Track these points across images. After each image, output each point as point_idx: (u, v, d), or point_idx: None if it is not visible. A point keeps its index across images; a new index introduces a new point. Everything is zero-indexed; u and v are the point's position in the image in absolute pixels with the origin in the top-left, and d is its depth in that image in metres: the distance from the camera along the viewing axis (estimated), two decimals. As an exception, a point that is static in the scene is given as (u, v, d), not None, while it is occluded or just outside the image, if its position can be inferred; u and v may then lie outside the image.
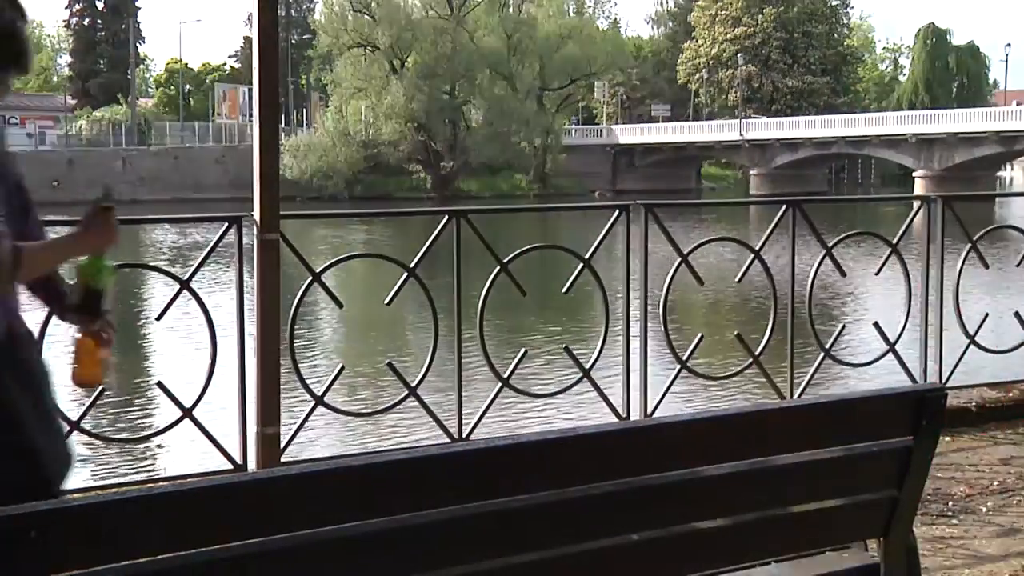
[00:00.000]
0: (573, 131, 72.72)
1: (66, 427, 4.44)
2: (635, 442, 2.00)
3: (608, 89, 76.79)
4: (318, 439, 8.02)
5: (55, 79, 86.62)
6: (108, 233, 2.69)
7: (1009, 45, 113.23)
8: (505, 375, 5.23)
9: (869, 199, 52.67)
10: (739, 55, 76.14)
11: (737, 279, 5.97)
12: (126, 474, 8.22)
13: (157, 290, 16.75)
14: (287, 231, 4.54)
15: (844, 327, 6.34)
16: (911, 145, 59.52)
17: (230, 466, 4.61)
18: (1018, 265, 6.62)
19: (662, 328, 5.57)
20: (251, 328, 4.55)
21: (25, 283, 2.61)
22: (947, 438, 5.33)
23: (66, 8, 73.36)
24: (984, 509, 4.46)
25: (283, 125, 53.24)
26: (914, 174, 59.19)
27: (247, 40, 77.38)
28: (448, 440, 5.04)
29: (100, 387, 3.22)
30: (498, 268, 5.15)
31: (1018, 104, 63.40)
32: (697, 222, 25.09)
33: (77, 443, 6.23)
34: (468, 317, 5.14)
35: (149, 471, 8.31)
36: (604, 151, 69.55)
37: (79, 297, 2.77)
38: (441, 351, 5.06)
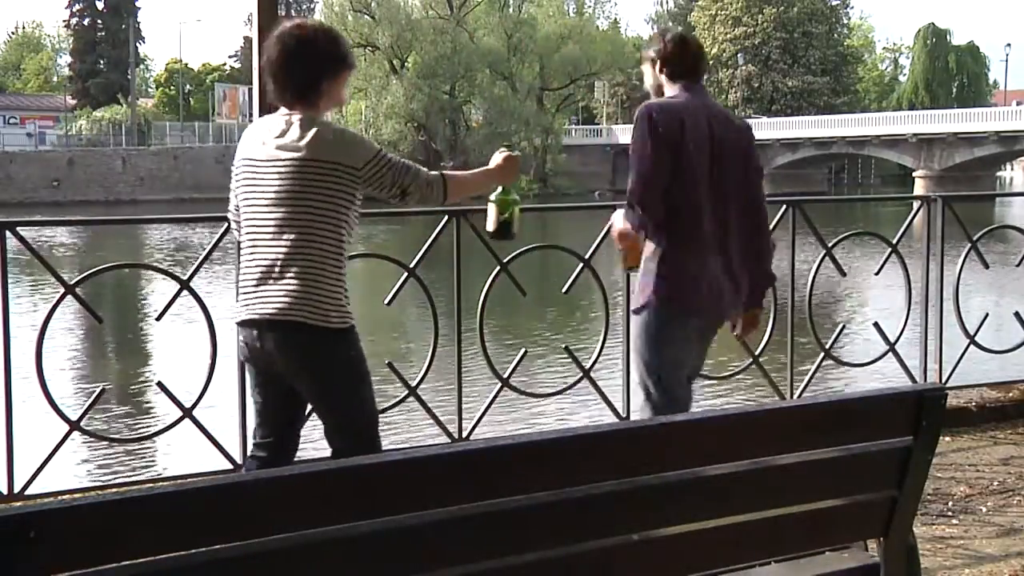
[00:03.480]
0: (573, 131, 72.70)
1: (66, 427, 4.46)
2: (635, 442, 2.00)
3: (608, 89, 76.77)
4: (317, 439, 8.01)
5: (55, 79, 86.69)
6: (514, 171, 3.52)
7: (1009, 45, 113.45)
8: (505, 375, 5.23)
9: (869, 199, 52.67)
10: (739, 55, 76.10)
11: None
12: (126, 474, 8.22)
13: (157, 290, 16.76)
14: (287, 231, 4.53)
15: (844, 327, 6.33)
16: (911, 145, 59.51)
17: (230, 466, 4.61)
18: (1018, 265, 6.62)
19: (662, 328, 5.56)
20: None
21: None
22: (947, 438, 5.33)
23: (66, 8, 73.37)
24: (984, 509, 4.46)
25: (283, 125, 53.06)
26: (914, 174, 59.18)
27: (247, 40, 77.40)
28: (448, 440, 5.04)
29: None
30: (498, 268, 5.14)
31: (1018, 104, 63.39)
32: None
33: (77, 443, 6.25)
34: (468, 317, 5.14)
35: (149, 471, 8.30)
36: (604, 151, 69.50)
37: (494, 224, 3.56)
38: (441, 351, 5.06)
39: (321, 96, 3.32)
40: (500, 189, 3.53)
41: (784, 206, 5.66)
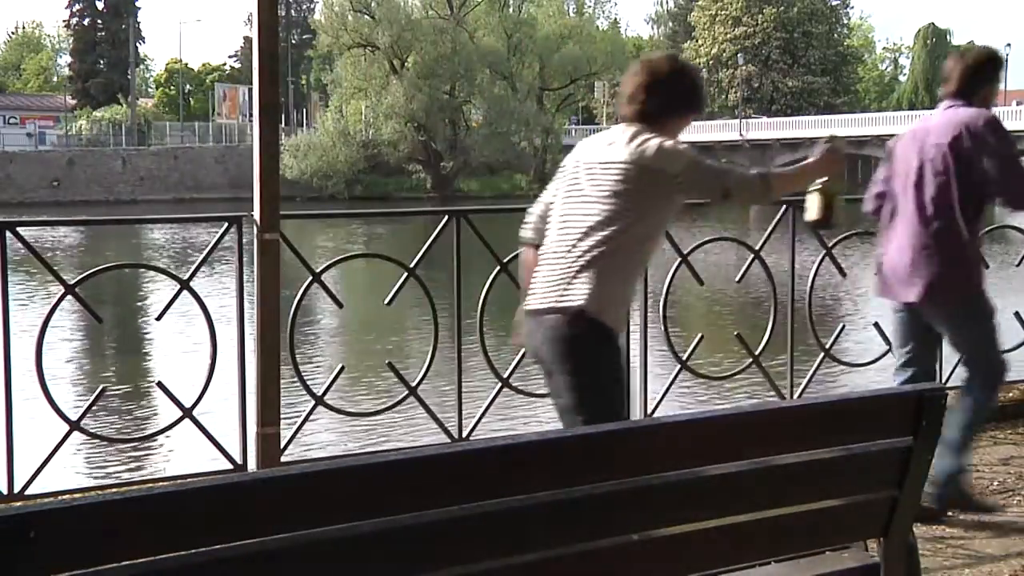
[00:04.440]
0: (573, 131, 72.71)
1: (66, 427, 4.46)
2: (635, 442, 2.00)
3: (608, 89, 76.72)
4: (318, 439, 8.02)
5: (55, 79, 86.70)
6: (839, 162, 3.61)
7: (1009, 45, 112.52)
8: (505, 375, 5.22)
9: (869, 199, 52.57)
10: (739, 55, 76.12)
11: (737, 279, 5.97)
12: (126, 474, 8.22)
13: (157, 290, 16.76)
14: (287, 231, 4.54)
15: (844, 327, 6.32)
16: (911, 145, 59.46)
17: (230, 466, 4.61)
18: (1018, 265, 6.61)
19: (662, 328, 5.57)
20: (251, 328, 4.55)
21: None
22: (947, 438, 5.32)
23: (66, 8, 73.42)
24: (984, 509, 4.45)
25: (283, 125, 53.23)
26: (914, 174, 59.13)
27: (247, 40, 77.42)
28: (448, 440, 5.04)
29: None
30: (498, 268, 5.14)
31: (1018, 104, 63.37)
32: (697, 222, 25.08)
33: (77, 443, 6.25)
34: (468, 317, 5.14)
35: (149, 471, 8.31)
36: (604, 151, 69.42)
37: (819, 212, 3.63)
38: (441, 351, 5.06)
39: (661, 127, 3.42)
40: (823, 178, 3.58)
41: (784, 206, 5.65)
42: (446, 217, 5.05)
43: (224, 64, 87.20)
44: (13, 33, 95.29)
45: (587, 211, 3.33)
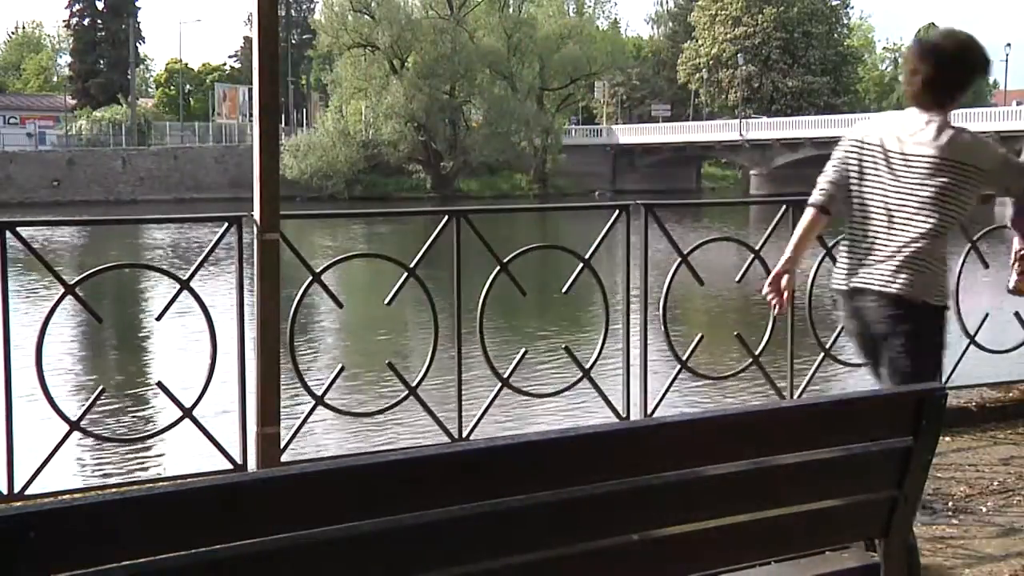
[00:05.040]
0: (573, 131, 72.74)
1: (66, 427, 4.46)
2: (635, 442, 2.00)
3: (608, 89, 76.82)
4: (318, 439, 8.02)
5: (55, 79, 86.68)
6: None
7: (1009, 45, 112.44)
8: (505, 375, 5.23)
9: (869, 199, 52.45)
10: (739, 55, 76.13)
11: (737, 279, 5.96)
12: (126, 474, 8.22)
13: (157, 290, 16.76)
14: (287, 231, 4.54)
15: (844, 327, 6.31)
16: (911, 145, 59.48)
17: (230, 466, 4.61)
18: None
19: (662, 328, 5.57)
20: (251, 328, 4.55)
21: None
22: (947, 438, 5.32)
23: (66, 8, 73.43)
24: (984, 509, 4.46)
25: (283, 125, 53.23)
26: (914, 174, 59.10)
27: (247, 40, 77.44)
28: (448, 440, 5.04)
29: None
30: (498, 268, 5.14)
31: (1018, 104, 63.38)
32: (697, 222, 25.08)
33: (77, 443, 6.25)
34: (468, 317, 5.14)
35: (149, 471, 8.31)
36: (604, 151, 69.54)
37: None
38: (441, 351, 5.06)
39: (953, 102, 3.68)
40: None
41: (784, 206, 5.65)
42: (446, 217, 5.05)
43: (224, 64, 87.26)
44: (13, 33, 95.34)
45: (908, 202, 3.61)
